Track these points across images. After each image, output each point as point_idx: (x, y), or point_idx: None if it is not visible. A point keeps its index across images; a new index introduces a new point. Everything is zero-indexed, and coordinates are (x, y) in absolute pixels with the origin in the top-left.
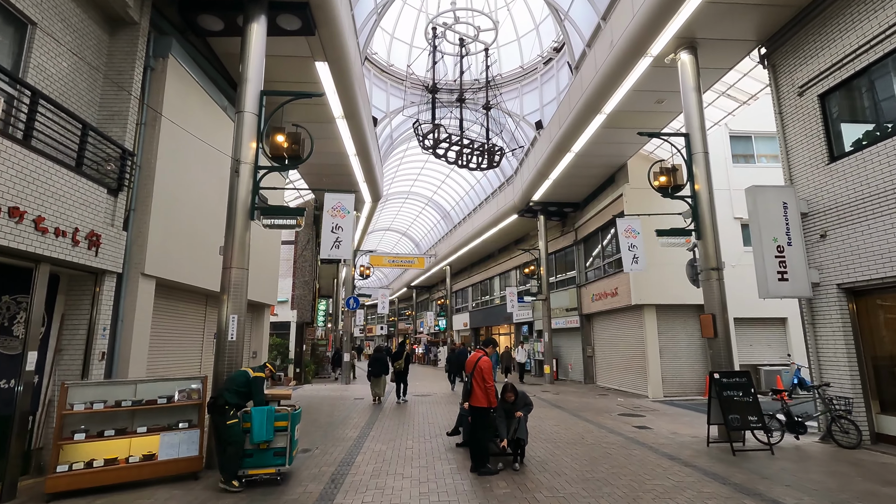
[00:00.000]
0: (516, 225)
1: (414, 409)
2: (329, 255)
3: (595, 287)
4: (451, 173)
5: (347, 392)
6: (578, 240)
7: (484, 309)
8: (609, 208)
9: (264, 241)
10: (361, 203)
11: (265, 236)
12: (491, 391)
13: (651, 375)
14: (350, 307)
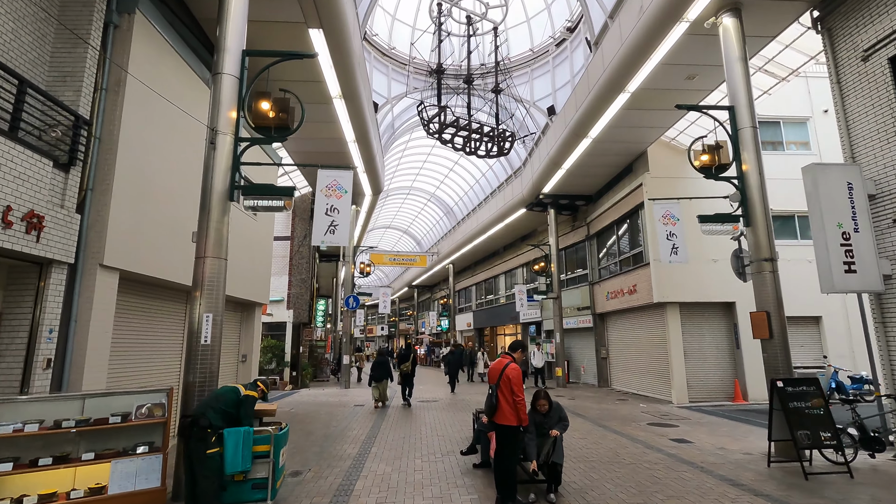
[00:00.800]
0: (524, 220)
1: (420, 416)
2: (323, 241)
3: (610, 284)
4: (454, 167)
5: (347, 397)
6: (591, 235)
7: (488, 308)
8: (626, 200)
9: (255, 232)
10: (361, 197)
11: (256, 228)
12: (521, 406)
13: (675, 379)
14: (349, 307)
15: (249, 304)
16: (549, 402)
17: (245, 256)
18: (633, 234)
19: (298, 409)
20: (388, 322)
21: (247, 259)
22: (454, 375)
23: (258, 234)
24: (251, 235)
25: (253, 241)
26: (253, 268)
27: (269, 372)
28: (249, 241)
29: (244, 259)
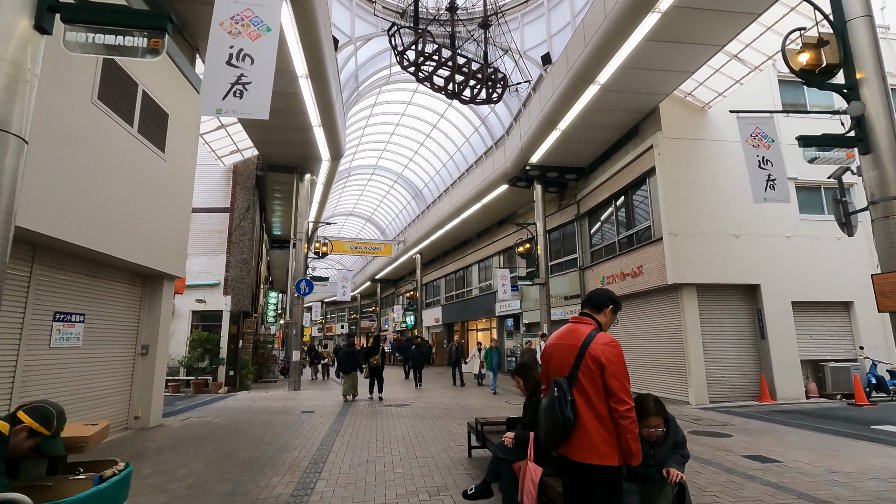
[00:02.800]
0: (504, 199)
1: (388, 426)
2: (222, 107)
3: (606, 268)
4: (426, 140)
5: (294, 401)
6: (581, 214)
7: (459, 302)
8: (630, 168)
9: (166, 177)
10: (317, 163)
11: (167, 171)
12: (631, 427)
13: (693, 376)
14: (301, 292)
15: (154, 275)
16: (665, 416)
17: (147, 206)
18: (637, 207)
19: (225, 419)
20: (348, 320)
21: (150, 211)
22: (419, 368)
23: (172, 181)
24: (160, 181)
25: (162, 188)
26: (162, 226)
27: (198, 371)
28: (157, 187)
29: (146, 210)
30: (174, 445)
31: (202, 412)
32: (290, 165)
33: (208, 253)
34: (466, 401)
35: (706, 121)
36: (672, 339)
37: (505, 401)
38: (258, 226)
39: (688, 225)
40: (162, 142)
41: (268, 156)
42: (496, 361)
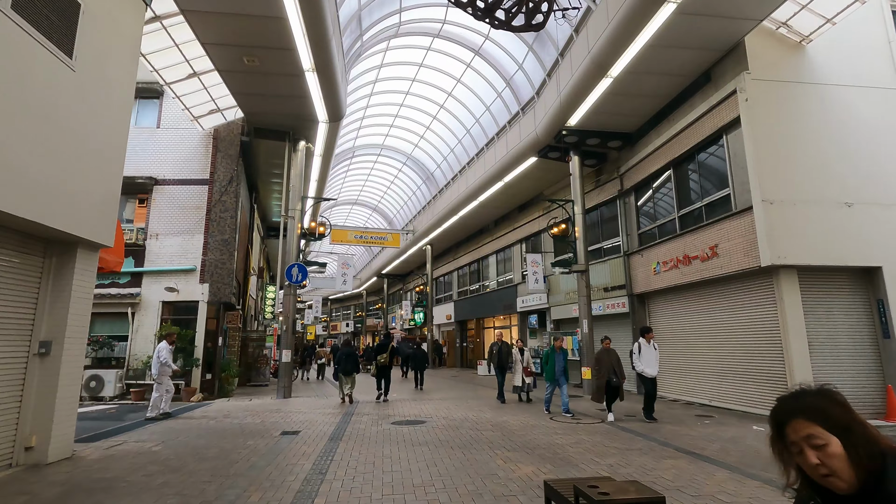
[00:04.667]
0: (529, 177)
1: (402, 460)
2: None
3: (663, 251)
4: (440, 112)
5: (278, 415)
6: (625, 190)
7: (474, 297)
8: (696, 126)
9: (76, 94)
10: (313, 125)
11: (80, 88)
12: None
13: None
14: (292, 279)
15: (62, 241)
16: None
17: (44, 137)
18: (707, 173)
19: (172, 445)
20: (354, 318)
21: (50, 145)
22: (418, 368)
23: (89, 105)
24: (66, 101)
25: (72, 114)
26: (74, 170)
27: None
28: (62, 110)
29: (43, 143)
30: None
31: (149, 432)
32: (280, 130)
33: (182, 233)
34: (501, 417)
35: (804, 59)
36: (764, 338)
37: (577, 427)
38: (247, 206)
39: (787, 190)
40: (68, 43)
41: (254, 115)
42: (562, 367)
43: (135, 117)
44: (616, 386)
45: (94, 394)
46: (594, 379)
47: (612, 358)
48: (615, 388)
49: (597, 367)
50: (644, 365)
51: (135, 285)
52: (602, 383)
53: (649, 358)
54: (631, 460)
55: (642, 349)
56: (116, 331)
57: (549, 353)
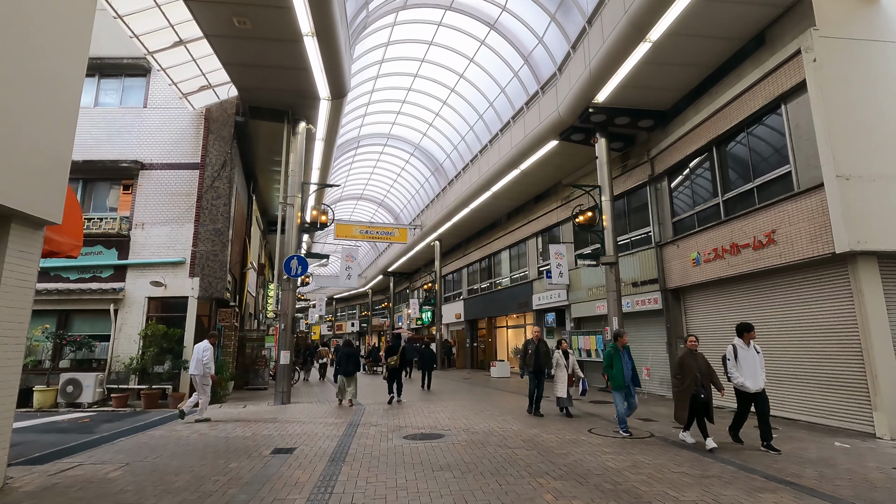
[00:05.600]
0: (547, 164)
1: (421, 492)
2: None
3: (703, 240)
4: (450, 97)
5: (272, 427)
6: (657, 175)
7: (485, 295)
8: (748, 97)
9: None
10: (314, 102)
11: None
12: None
13: (883, 394)
14: (291, 273)
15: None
16: None
17: None
18: (760, 150)
19: (135, 470)
20: (359, 317)
21: None
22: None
23: (17, 30)
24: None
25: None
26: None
27: (155, 377)
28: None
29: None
30: None
31: (115, 450)
32: (278, 109)
33: (170, 222)
34: (530, 429)
35: (878, 13)
36: (836, 337)
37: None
38: (244, 195)
39: (865, 163)
40: None
41: (249, 92)
42: (630, 368)
43: (119, 96)
44: (705, 402)
45: (70, 400)
46: (676, 392)
47: (700, 363)
48: (704, 405)
49: (678, 374)
50: (744, 376)
51: (118, 279)
52: (686, 397)
53: (750, 365)
54: (717, 494)
55: (739, 354)
56: (98, 329)
57: (613, 352)
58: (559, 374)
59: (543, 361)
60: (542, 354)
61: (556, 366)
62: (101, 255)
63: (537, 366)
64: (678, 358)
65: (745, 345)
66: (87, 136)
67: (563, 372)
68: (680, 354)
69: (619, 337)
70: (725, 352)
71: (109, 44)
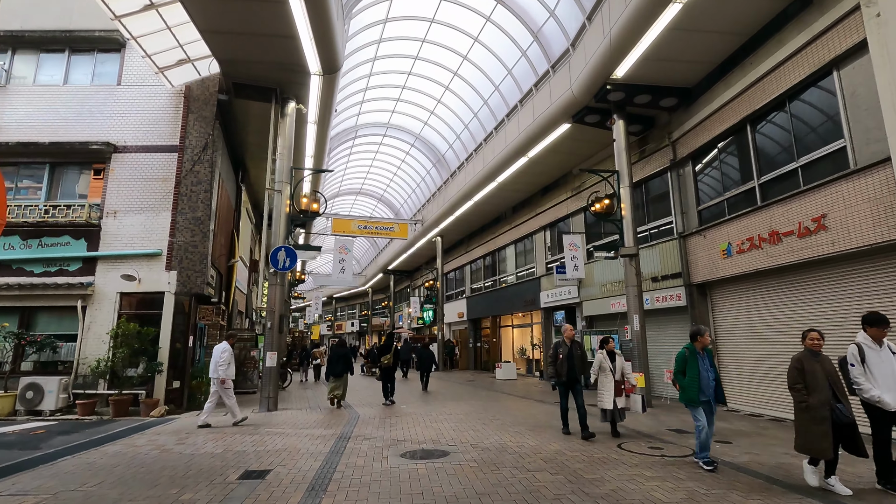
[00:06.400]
0: (558, 150)
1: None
2: None
3: (736, 229)
4: (453, 81)
5: (249, 440)
6: (679, 159)
7: (489, 293)
8: (790, 65)
9: None
10: (303, 78)
11: None
12: None
13: None
14: (279, 266)
15: None
16: None
17: None
18: (809, 123)
19: (73, 500)
20: (359, 316)
21: None
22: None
23: None
24: None
25: None
26: None
27: (127, 381)
28: None
29: None
30: None
31: (49, 474)
32: (265, 86)
33: (145, 209)
34: (548, 444)
35: None
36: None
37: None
38: (231, 184)
39: None
40: None
41: (231, 66)
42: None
43: (91, 73)
44: (847, 422)
45: (31, 407)
46: (802, 411)
47: (829, 369)
48: (848, 427)
49: (799, 385)
50: (879, 386)
51: (87, 273)
52: (821, 418)
53: (886, 372)
54: None
55: (868, 356)
56: (65, 328)
57: (688, 355)
58: (603, 381)
59: (579, 368)
60: (578, 359)
61: (600, 370)
62: (69, 246)
63: (572, 375)
64: (794, 361)
65: (874, 344)
66: (55, 117)
67: (609, 378)
68: (796, 357)
69: (699, 336)
70: (846, 354)
71: (80, 18)
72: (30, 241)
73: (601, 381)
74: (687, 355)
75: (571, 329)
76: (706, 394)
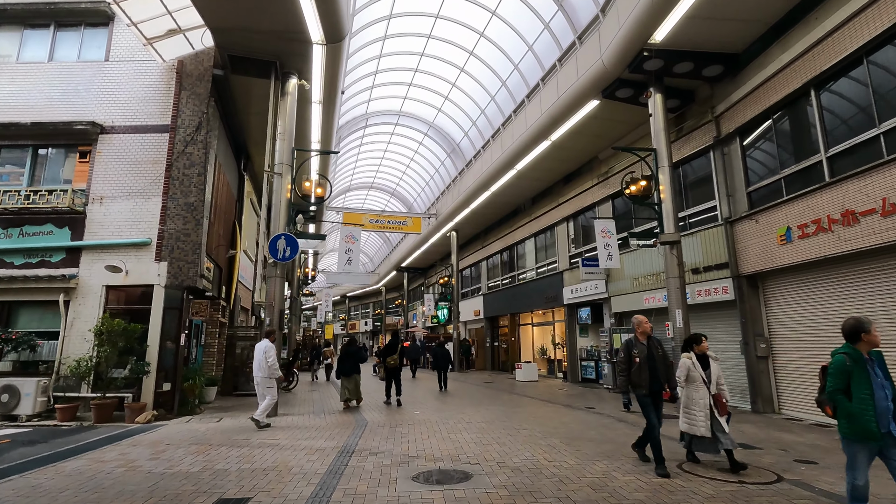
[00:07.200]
0: (583, 132)
1: None
2: None
3: (801, 209)
4: (468, 61)
5: (236, 454)
6: (725, 136)
7: (507, 289)
8: (868, 14)
9: None
10: (305, 48)
11: None
12: None
13: None
14: (277, 256)
15: None
16: None
17: None
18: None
19: None
20: (373, 315)
21: None
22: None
23: None
24: None
25: None
26: None
27: (111, 383)
28: None
29: None
30: None
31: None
32: (264, 59)
33: (134, 195)
34: (592, 463)
35: None
36: None
37: None
38: (231, 170)
39: None
40: None
41: (226, 36)
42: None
43: (77, 49)
44: None
45: (6, 411)
46: None
47: None
48: None
49: None
50: None
51: (71, 264)
52: None
53: None
54: None
55: None
56: (46, 325)
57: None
58: (693, 395)
59: (664, 374)
60: (660, 361)
61: (688, 381)
62: (52, 235)
63: (656, 385)
64: None
65: None
66: (39, 96)
67: (702, 391)
68: None
69: (862, 333)
70: None
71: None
72: (10, 230)
73: (689, 395)
74: (849, 365)
75: (647, 321)
76: (884, 424)
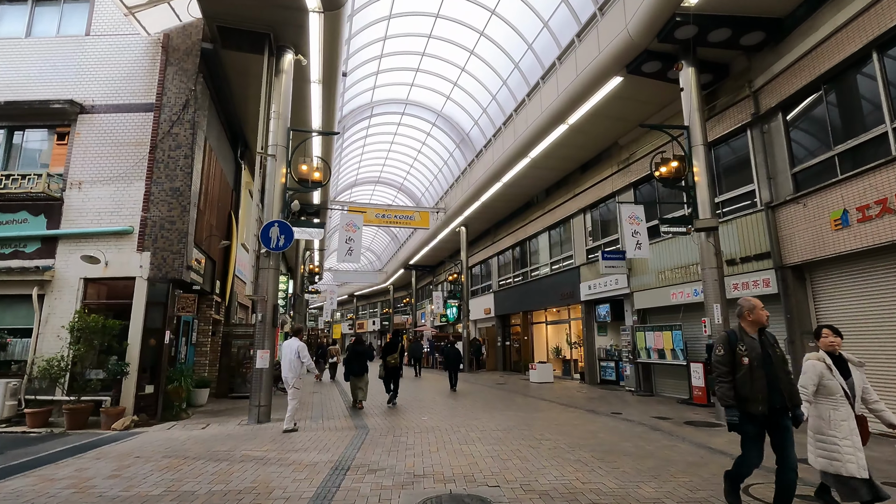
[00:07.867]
0: (604, 113)
1: None
2: None
3: (858, 190)
4: (479, 42)
5: (214, 469)
6: (765, 112)
7: (519, 286)
8: None
9: None
10: (301, 16)
11: None
12: None
13: None
14: (271, 245)
15: None
16: None
17: None
18: None
19: None
20: (381, 314)
21: None
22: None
23: None
24: None
25: None
26: None
27: (87, 385)
28: None
29: None
30: None
31: None
32: (256, 31)
33: (115, 179)
34: (634, 483)
35: None
36: None
37: None
38: (227, 157)
39: None
40: None
41: (212, 3)
42: None
43: (56, 24)
44: None
45: None
46: None
47: None
48: None
49: None
50: None
51: (46, 255)
52: None
53: None
54: None
55: None
56: (19, 322)
57: None
58: (831, 414)
59: (786, 386)
60: (778, 365)
61: (822, 393)
62: (26, 223)
63: (775, 399)
64: None
65: None
66: (15, 73)
67: (844, 409)
68: None
69: None
70: None
71: None
72: None
73: (823, 416)
74: None
75: (762, 306)
76: None
